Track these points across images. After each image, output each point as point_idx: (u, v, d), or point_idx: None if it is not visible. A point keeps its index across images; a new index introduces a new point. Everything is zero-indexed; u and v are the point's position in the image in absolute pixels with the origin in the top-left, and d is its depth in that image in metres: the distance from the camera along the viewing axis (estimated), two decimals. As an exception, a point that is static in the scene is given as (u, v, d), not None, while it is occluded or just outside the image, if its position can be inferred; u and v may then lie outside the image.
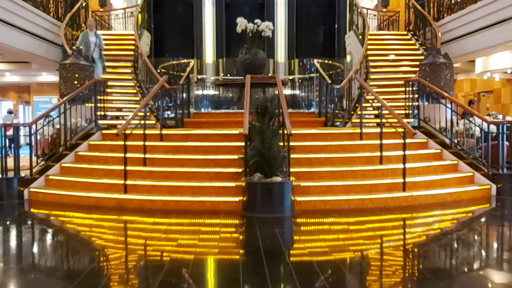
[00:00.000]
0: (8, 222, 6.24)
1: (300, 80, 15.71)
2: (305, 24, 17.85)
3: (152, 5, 16.81)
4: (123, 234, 5.67)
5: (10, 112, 17.67)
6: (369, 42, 12.11)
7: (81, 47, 9.60)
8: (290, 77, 16.07)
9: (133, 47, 11.93)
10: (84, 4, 12.94)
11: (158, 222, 5.89)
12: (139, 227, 5.93)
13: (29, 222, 6.43)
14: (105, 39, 11.76)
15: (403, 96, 9.51)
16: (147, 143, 7.31)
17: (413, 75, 10.11)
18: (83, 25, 12.80)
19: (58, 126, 8.30)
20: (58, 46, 11.84)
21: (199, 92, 14.95)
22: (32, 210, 6.82)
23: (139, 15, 13.57)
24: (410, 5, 13.44)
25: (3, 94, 20.15)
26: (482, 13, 10.44)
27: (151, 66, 10.67)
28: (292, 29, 17.37)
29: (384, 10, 16.31)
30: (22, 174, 7.46)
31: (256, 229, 5.30)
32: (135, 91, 11.10)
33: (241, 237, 5.38)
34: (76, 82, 8.70)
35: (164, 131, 8.07)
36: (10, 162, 7.46)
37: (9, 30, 10.08)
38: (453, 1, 11.78)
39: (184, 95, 10.54)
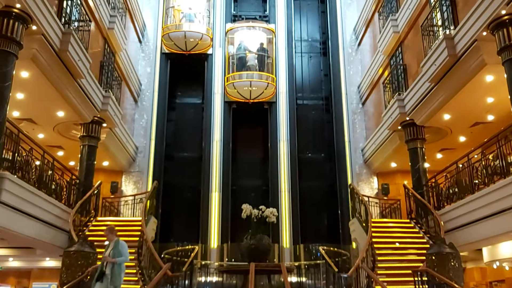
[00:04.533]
0: None
1: (306, 266, 15.39)
2: (309, 210, 18.23)
3: (161, 192, 17.52)
4: None
5: None
6: (373, 229, 12.21)
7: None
8: (296, 263, 15.78)
9: (139, 233, 12.04)
10: (96, 192, 13.50)
11: None
12: None
13: None
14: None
15: (413, 286, 9.19)
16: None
17: (420, 264, 9.92)
18: (92, 211, 13.17)
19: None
20: (65, 232, 11.73)
21: (202, 278, 14.55)
22: None
23: (148, 202, 14.04)
24: (410, 194, 13.78)
25: (2, 279, 19.62)
26: (480, 203, 10.38)
27: (155, 253, 10.62)
28: (297, 215, 17.66)
29: (385, 198, 16.83)
30: None
31: None
32: (136, 278, 10.83)
33: None
34: (77, 270, 8.61)
35: (163, 325, 7.64)
36: None
37: (18, 217, 9.69)
38: (451, 191, 12.08)
39: (187, 282, 10.27)
